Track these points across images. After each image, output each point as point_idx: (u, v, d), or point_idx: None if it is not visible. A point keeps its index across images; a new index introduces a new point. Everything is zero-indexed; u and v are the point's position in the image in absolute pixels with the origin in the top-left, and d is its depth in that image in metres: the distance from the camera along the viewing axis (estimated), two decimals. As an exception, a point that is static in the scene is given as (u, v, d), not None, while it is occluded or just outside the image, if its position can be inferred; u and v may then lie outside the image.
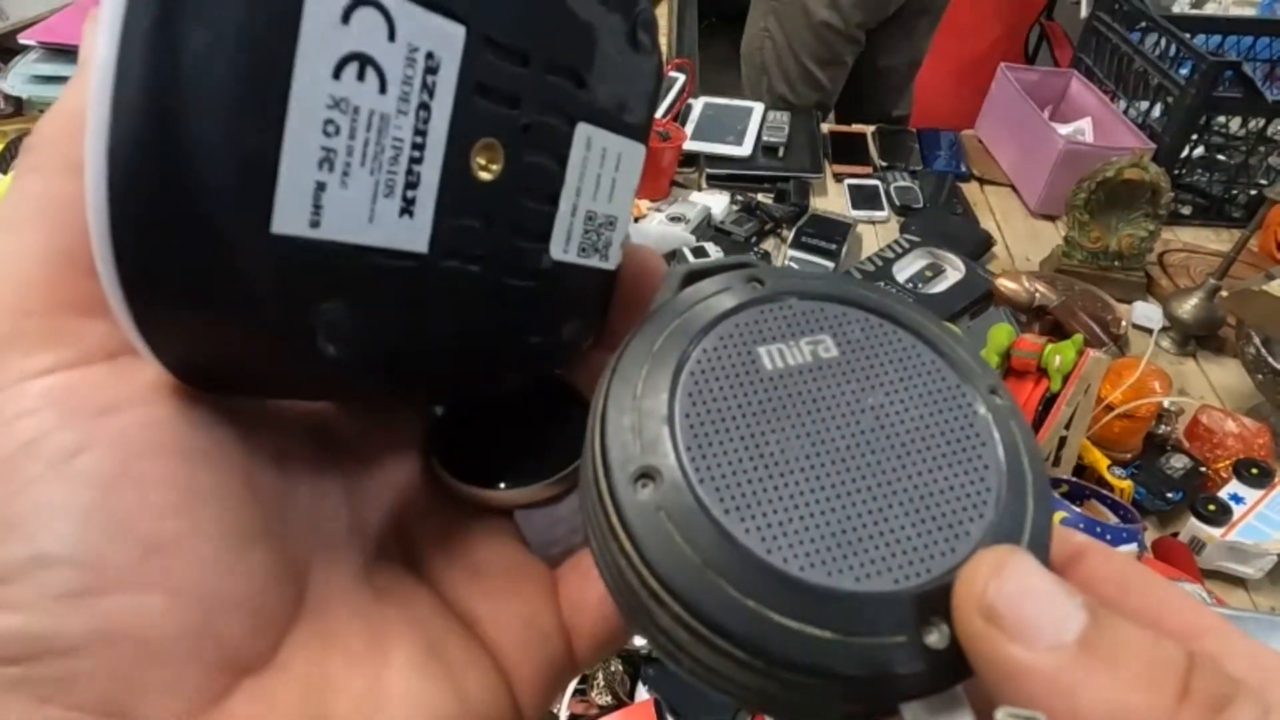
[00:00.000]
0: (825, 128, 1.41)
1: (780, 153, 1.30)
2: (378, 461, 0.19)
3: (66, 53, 1.26)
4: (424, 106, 0.14)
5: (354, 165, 0.13)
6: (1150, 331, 1.03)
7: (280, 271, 0.13)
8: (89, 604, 0.13)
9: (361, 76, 0.13)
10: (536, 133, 0.17)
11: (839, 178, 1.31)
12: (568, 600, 0.20)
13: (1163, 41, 1.24)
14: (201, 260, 0.12)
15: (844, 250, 1.10)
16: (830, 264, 1.08)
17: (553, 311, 0.19)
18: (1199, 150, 1.24)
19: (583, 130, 0.18)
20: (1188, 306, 0.99)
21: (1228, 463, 0.80)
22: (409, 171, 0.14)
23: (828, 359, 0.17)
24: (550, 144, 0.17)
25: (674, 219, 1.14)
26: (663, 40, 1.67)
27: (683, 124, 1.32)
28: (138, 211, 0.12)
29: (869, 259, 1.09)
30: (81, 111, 0.14)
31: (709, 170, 1.29)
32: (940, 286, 1.06)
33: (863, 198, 1.26)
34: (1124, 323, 1.00)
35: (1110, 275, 1.08)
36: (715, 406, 0.16)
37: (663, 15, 1.73)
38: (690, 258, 1.01)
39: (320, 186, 0.13)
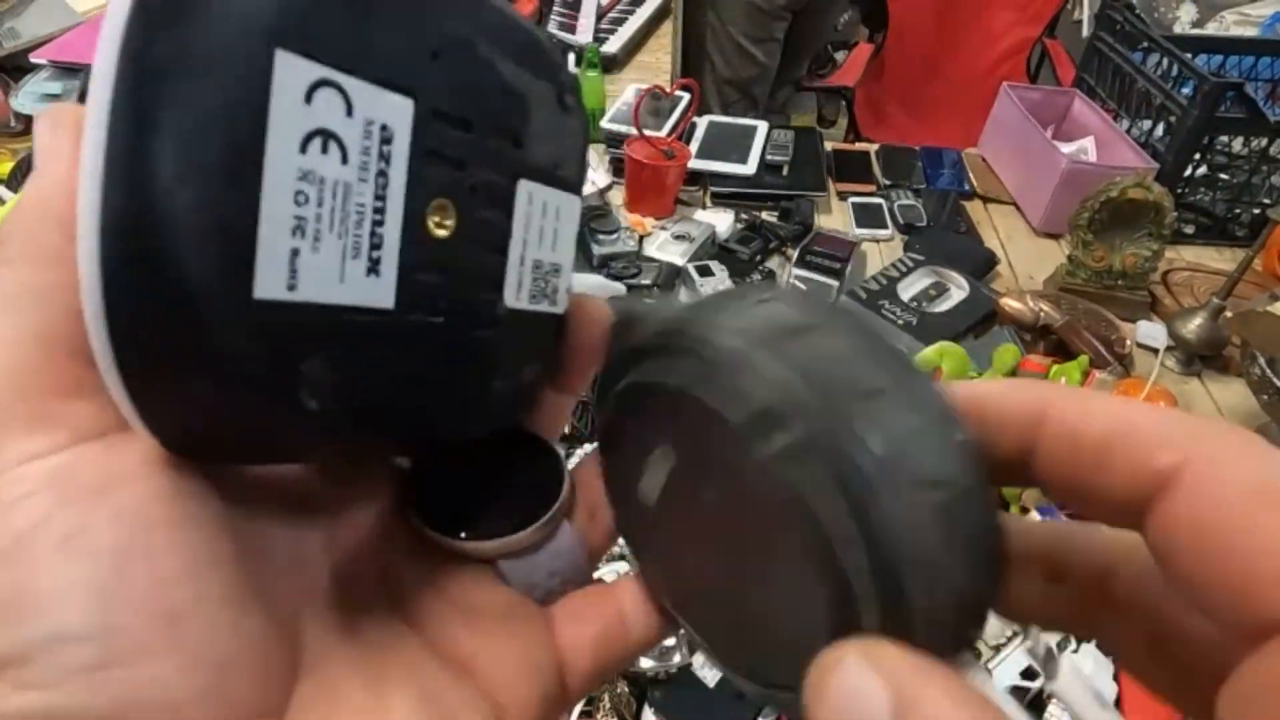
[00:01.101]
0: (829, 146, 1.42)
1: (784, 171, 1.31)
2: (353, 516, 0.20)
3: (76, 71, 1.27)
4: (382, 174, 0.15)
5: (323, 231, 0.15)
6: (1154, 351, 1.03)
7: (264, 332, 0.14)
8: (109, 677, 0.13)
9: (325, 150, 0.14)
10: (483, 191, 0.18)
11: (843, 196, 1.32)
12: (562, 636, 0.20)
13: (1164, 62, 1.25)
14: (192, 329, 0.13)
15: (848, 269, 1.10)
16: (835, 283, 1.08)
17: (511, 356, 0.20)
18: (1202, 170, 1.24)
19: (524, 186, 0.19)
20: (1192, 326, 0.99)
21: (1234, 484, 0.80)
22: (372, 233, 0.16)
23: (674, 468, 0.18)
24: (496, 200, 0.19)
25: (679, 237, 1.15)
26: (666, 59, 1.68)
27: (687, 142, 1.33)
28: (130, 291, 0.13)
29: (873, 278, 1.09)
30: (45, 204, 0.15)
31: (713, 188, 1.30)
32: (944, 305, 1.06)
33: (867, 216, 1.27)
34: (1129, 342, 1.00)
35: (1114, 294, 1.08)
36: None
37: (666, 34, 1.75)
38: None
39: (295, 252, 0.14)
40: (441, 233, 0.17)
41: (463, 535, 0.20)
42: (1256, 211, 1.24)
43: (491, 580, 0.21)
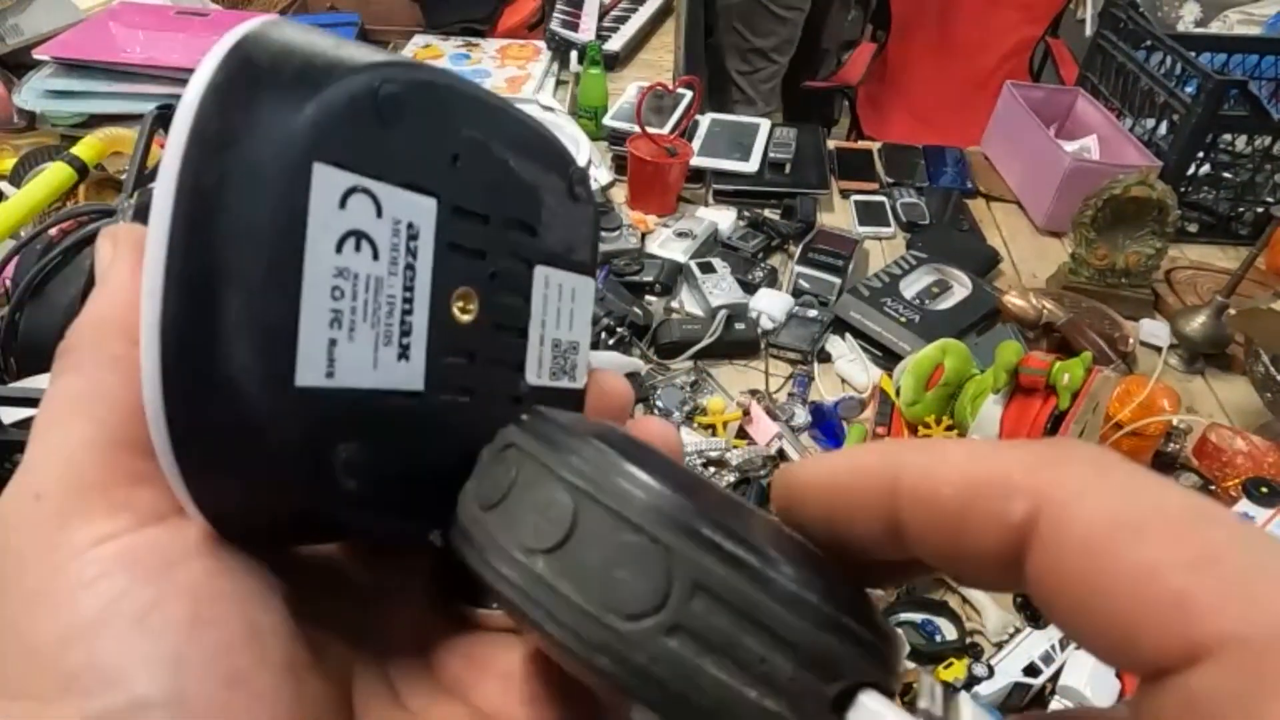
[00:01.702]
0: (832, 144, 1.42)
1: (787, 169, 1.30)
2: (392, 592, 0.21)
3: (79, 68, 1.28)
4: (409, 266, 0.17)
5: (358, 321, 0.16)
6: (1157, 349, 1.03)
7: (304, 418, 0.15)
8: None
9: (358, 249, 0.16)
10: (502, 277, 0.20)
11: (845, 194, 1.32)
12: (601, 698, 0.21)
13: (1168, 60, 1.25)
14: (240, 418, 0.15)
15: (850, 267, 1.10)
16: (837, 280, 1.08)
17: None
18: (1205, 168, 1.24)
19: (540, 271, 0.21)
20: (1195, 324, 0.99)
21: (1237, 482, 0.80)
22: (402, 322, 0.17)
23: None
24: (515, 285, 0.20)
25: (681, 234, 1.15)
26: (669, 57, 1.68)
27: (690, 140, 1.33)
28: (185, 388, 0.14)
29: (875, 275, 1.09)
30: (109, 315, 0.17)
31: (716, 186, 1.30)
32: (947, 303, 1.06)
33: (869, 214, 1.27)
34: (1131, 340, 1.00)
35: (1117, 293, 1.08)
36: None
37: (669, 32, 1.75)
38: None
39: (333, 342, 0.16)
40: (466, 318, 0.19)
41: (493, 606, 0.21)
42: (1260, 210, 1.23)
43: (520, 641, 0.21)
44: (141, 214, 0.71)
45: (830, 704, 0.13)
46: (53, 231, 0.75)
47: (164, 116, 0.94)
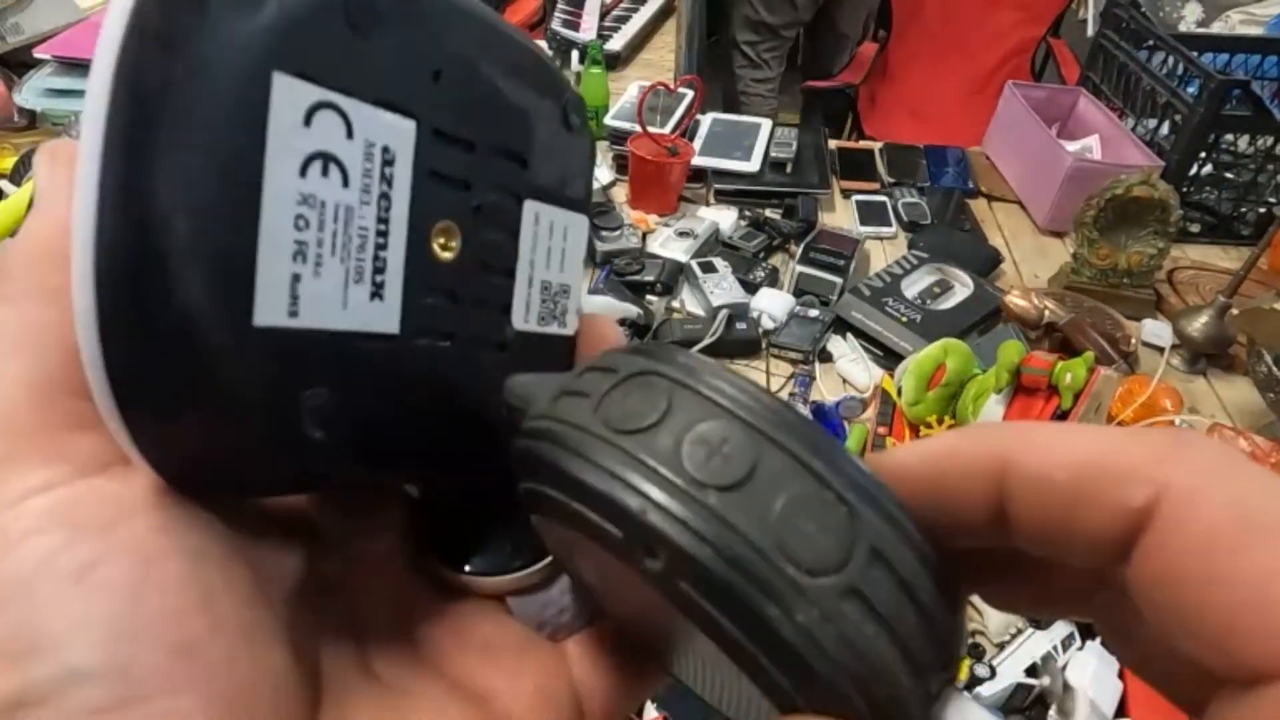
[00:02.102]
0: (833, 144, 1.42)
1: (788, 168, 1.30)
2: (365, 547, 0.20)
3: (80, 67, 1.27)
4: (384, 196, 0.15)
5: (325, 255, 0.14)
6: (1159, 349, 1.02)
7: (264, 360, 0.14)
8: (125, 717, 0.13)
9: (325, 173, 0.14)
10: (488, 212, 0.18)
11: (847, 194, 1.32)
12: (579, 669, 0.20)
13: (1170, 60, 1.25)
14: (190, 359, 0.13)
15: (851, 267, 1.10)
16: (839, 280, 1.08)
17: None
18: (1207, 168, 1.24)
19: (530, 206, 0.19)
20: (1198, 324, 0.98)
21: (1240, 482, 0.80)
22: (375, 258, 0.15)
23: (589, 580, 0.18)
24: (502, 221, 0.18)
25: (682, 234, 1.15)
26: (670, 57, 1.68)
27: (691, 140, 1.32)
28: (126, 322, 0.13)
29: (877, 275, 1.09)
30: (46, 241, 0.15)
31: (717, 186, 1.29)
32: (949, 303, 1.06)
33: (870, 214, 1.27)
34: (1133, 340, 1.00)
35: (1119, 293, 1.08)
36: None
37: (670, 32, 1.75)
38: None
39: (295, 278, 0.14)
40: (447, 255, 0.17)
41: (469, 570, 0.20)
42: (1262, 210, 1.23)
43: (504, 614, 0.20)
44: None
45: (932, 695, 0.13)
46: (53, 230, 0.75)
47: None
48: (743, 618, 0.13)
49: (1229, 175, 1.28)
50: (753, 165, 1.29)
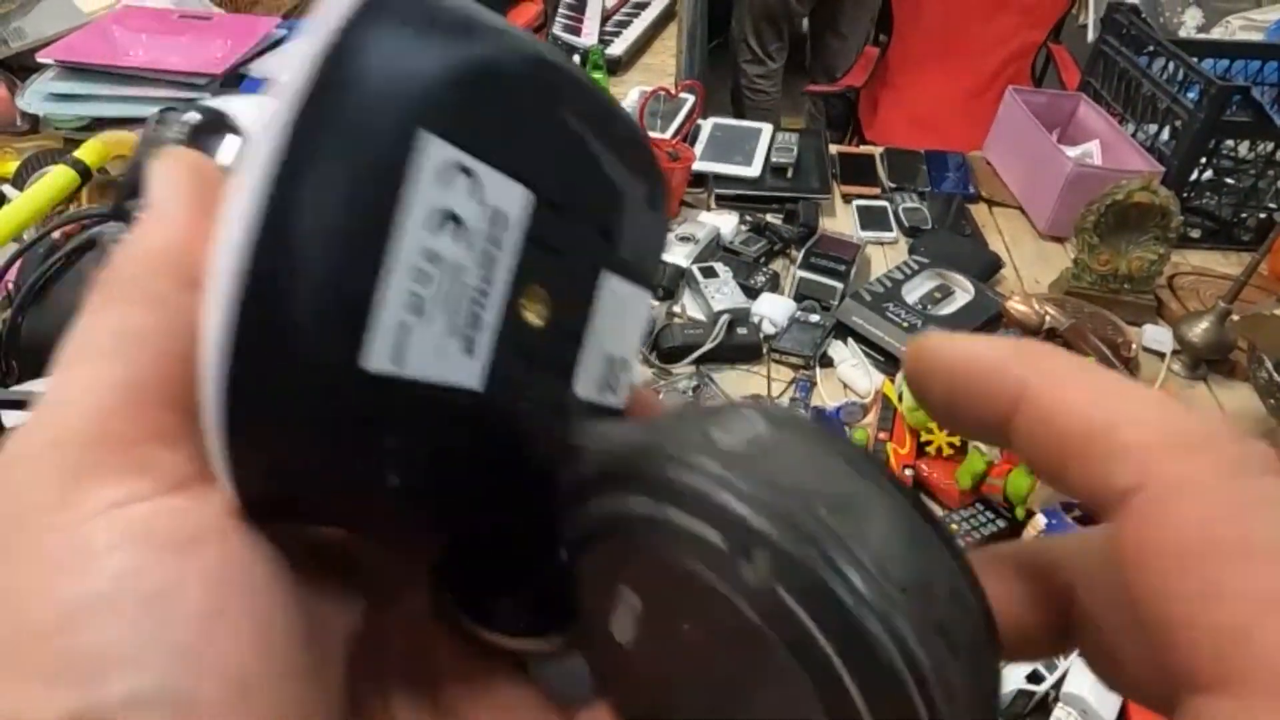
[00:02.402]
0: (834, 149, 1.42)
1: (789, 173, 1.31)
2: (394, 592, 0.20)
3: (83, 71, 1.28)
4: (491, 257, 0.16)
5: (433, 308, 0.15)
6: (1160, 355, 1.02)
7: (362, 401, 0.14)
8: None
9: (448, 231, 0.15)
10: (573, 280, 0.19)
11: (847, 198, 1.32)
12: None
13: (1170, 66, 1.25)
14: (298, 388, 0.14)
15: (852, 272, 1.10)
16: (839, 285, 1.08)
17: (575, 447, 0.20)
18: (1207, 174, 1.24)
19: (606, 278, 0.20)
20: (1198, 330, 0.99)
21: (1241, 488, 0.80)
22: (473, 315, 0.16)
23: (641, 612, 0.17)
24: (581, 290, 0.19)
25: (683, 239, 1.15)
26: (671, 62, 1.68)
27: (692, 144, 1.33)
28: (249, 342, 0.13)
29: (878, 280, 1.09)
30: (157, 250, 0.16)
31: (718, 190, 1.30)
32: (950, 308, 1.06)
33: (871, 219, 1.27)
34: (1134, 346, 1.00)
35: (1120, 298, 1.08)
36: None
37: (671, 36, 1.75)
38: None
39: (405, 326, 0.14)
40: (531, 317, 0.18)
41: (494, 629, 0.20)
42: (1262, 216, 1.23)
43: (523, 677, 0.20)
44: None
45: None
46: (56, 235, 0.75)
47: (166, 120, 0.94)
48: (842, 635, 0.13)
49: (1229, 181, 1.28)
50: (754, 170, 1.29)
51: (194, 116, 0.71)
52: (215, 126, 0.69)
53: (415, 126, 0.14)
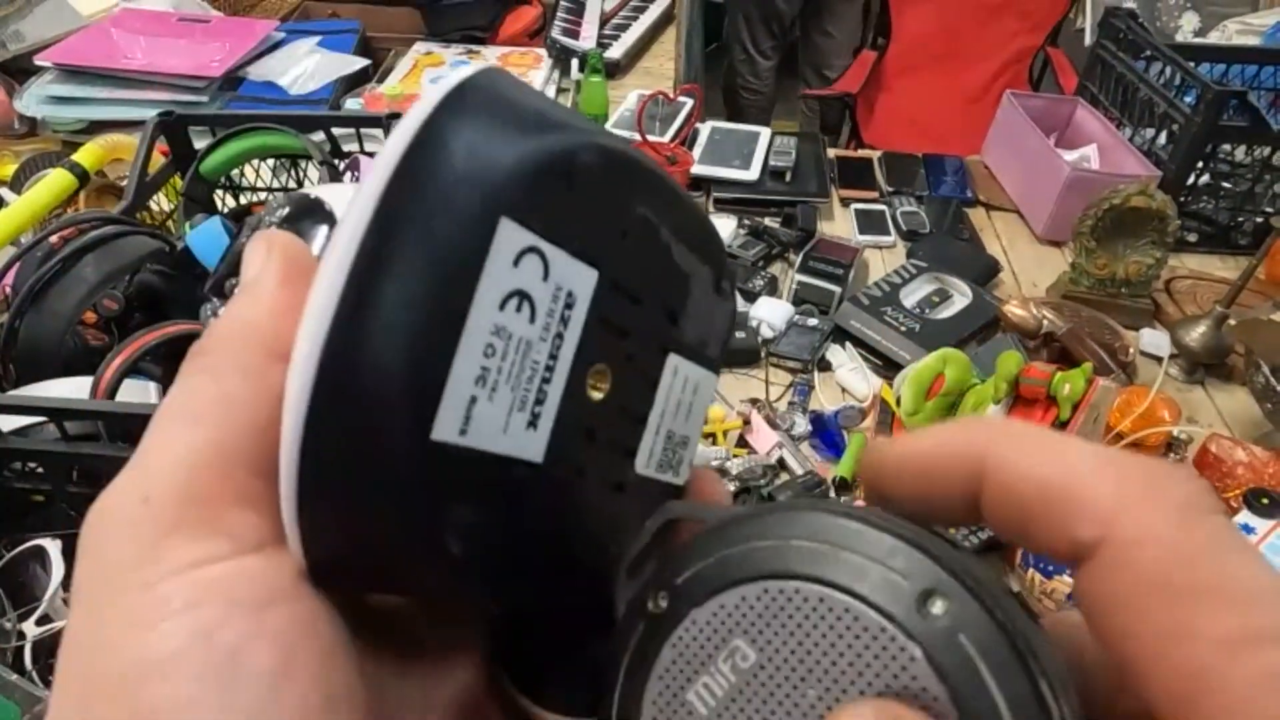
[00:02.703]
0: (832, 152, 1.42)
1: (787, 177, 1.31)
2: (446, 662, 0.20)
3: (81, 74, 1.28)
4: (559, 335, 0.17)
5: (500, 383, 0.16)
6: (1157, 359, 1.03)
7: (430, 472, 0.15)
8: None
9: (519, 309, 0.16)
10: (638, 360, 0.19)
11: (846, 202, 1.32)
12: None
13: (1167, 70, 1.25)
14: (371, 455, 0.14)
15: (850, 276, 1.10)
16: (838, 289, 1.08)
17: (632, 522, 0.21)
18: (1204, 178, 1.24)
19: (672, 360, 0.20)
20: (1195, 334, 0.99)
21: (1238, 493, 0.80)
22: (539, 390, 0.17)
23: (748, 668, 0.16)
24: (647, 371, 0.20)
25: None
26: (670, 65, 1.68)
27: (690, 148, 1.33)
28: (329, 410, 0.14)
29: (876, 284, 1.09)
30: (249, 325, 0.17)
31: (716, 194, 1.30)
32: (947, 312, 1.06)
33: (869, 223, 1.27)
34: (1131, 350, 1.00)
35: (1117, 302, 1.08)
36: None
37: (670, 40, 1.75)
38: None
39: (473, 400, 0.15)
40: (596, 395, 0.18)
41: (545, 704, 0.20)
42: (1259, 220, 1.24)
43: None
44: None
45: None
46: (53, 239, 0.75)
47: (165, 123, 0.94)
48: (1018, 689, 0.13)
49: (1226, 185, 1.28)
50: (752, 174, 1.29)
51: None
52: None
53: (498, 213, 0.15)
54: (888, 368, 1.00)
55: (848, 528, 0.15)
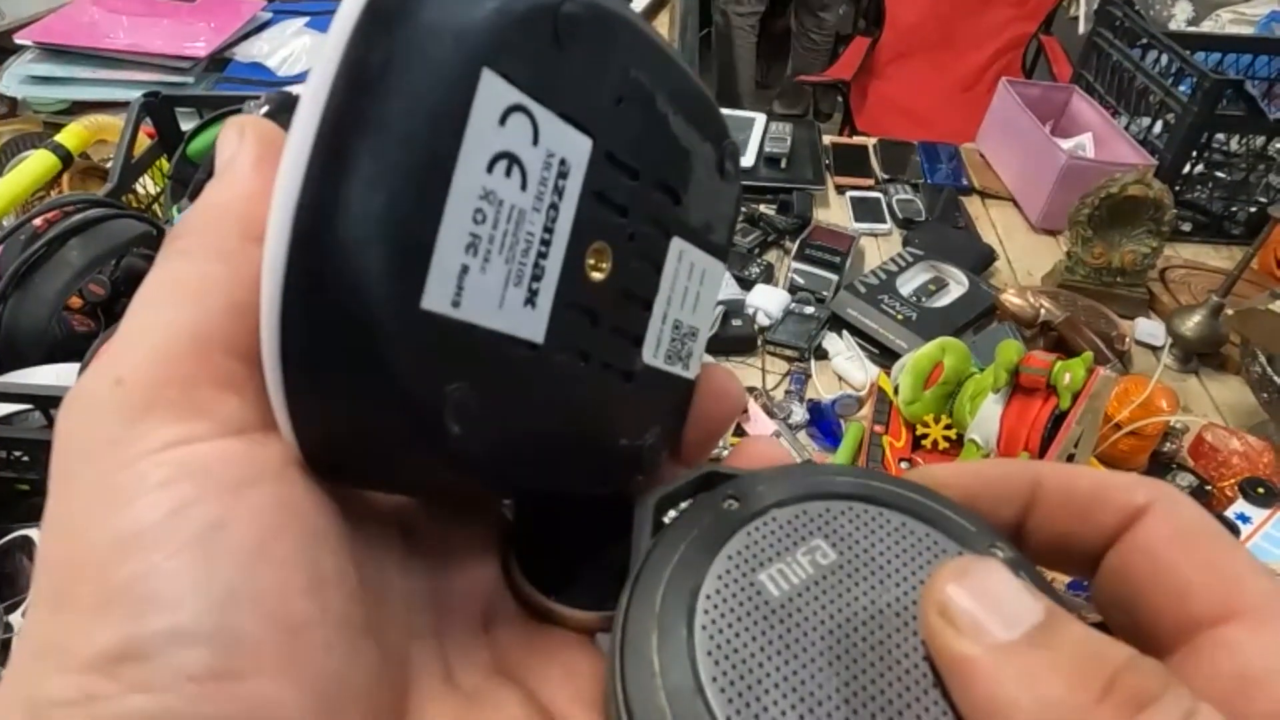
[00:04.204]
0: (827, 139, 1.41)
1: (783, 164, 1.30)
2: (458, 561, 0.20)
3: (62, 53, 1.25)
4: (554, 206, 0.16)
5: (493, 253, 0.15)
6: (1153, 348, 1.03)
7: (422, 344, 0.14)
8: (223, 689, 0.12)
9: (508, 173, 0.15)
10: (640, 241, 0.18)
11: (841, 190, 1.31)
12: None
13: (1163, 59, 1.25)
14: (357, 328, 0.13)
15: (847, 264, 1.10)
16: (834, 277, 1.08)
17: (641, 415, 0.20)
18: (1199, 167, 1.24)
19: (676, 244, 0.20)
20: (1190, 323, 0.99)
21: (1233, 481, 0.80)
22: (535, 265, 0.16)
23: (828, 564, 0.17)
24: (650, 253, 0.19)
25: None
26: (663, 49, 1.67)
27: (685, 134, 1.31)
28: (308, 281, 0.13)
29: (872, 272, 1.08)
30: (225, 206, 0.16)
31: (711, 180, 1.28)
32: (944, 300, 1.06)
33: (865, 210, 1.26)
34: (1128, 339, 1.00)
35: (1113, 291, 1.08)
36: (742, 664, 0.15)
37: (663, 24, 1.73)
38: None
39: (464, 269, 0.14)
40: (597, 275, 0.17)
41: (559, 600, 0.20)
42: (1253, 209, 1.24)
43: (589, 643, 0.20)
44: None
45: None
46: (37, 222, 0.73)
47: (150, 104, 0.92)
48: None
49: (1220, 174, 1.28)
50: (747, 160, 1.28)
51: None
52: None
53: (478, 65, 0.14)
54: (884, 356, 0.99)
55: (914, 484, 0.18)
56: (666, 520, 0.19)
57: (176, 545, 0.13)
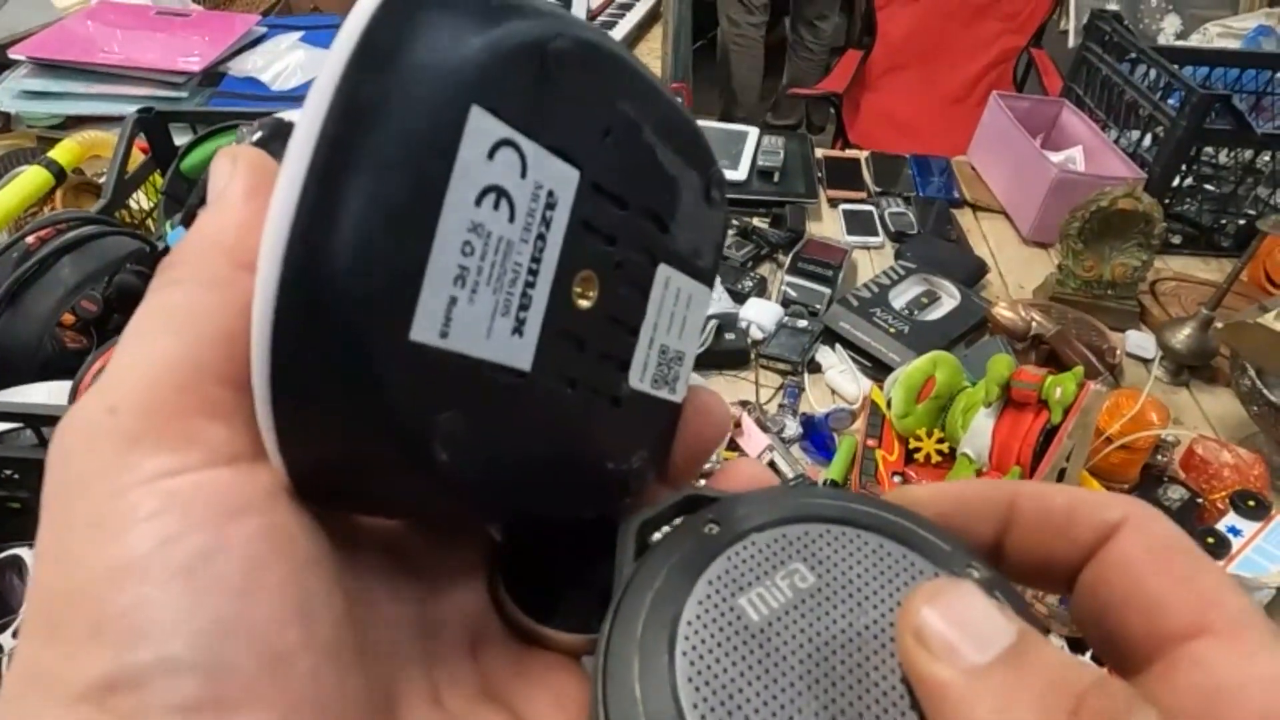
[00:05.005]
0: (820, 153, 1.42)
1: (775, 177, 1.30)
2: (445, 584, 0.20)
3: (57, 68, 1.25)
4: (541, 237, 0.16)
5: (481, 284, 0.15)
6: (1144, 360, 1.03)
7: (411, 374, 0.14)
8: (213, 719, 0.13)
9: (496, 206, 0.15)
10: (627, 269, 0.19)
11: (834, 203, 1.32)
12: None
13: (1152, 72, 1.26)
14: (346, 358, 0.14)
15: (840, 277, 1.10)
16: (827, 290, 1.08)
17: (628, 438, 0.20)
18: (1188, 180, 1.25)
19: (663, 270, 0.20)
20: (1181, 336, 0.99)
21: (1224, 494, 0.80)
22: (523, 294, 0.16)
23: (807, 588, 0.17)
24: (637, 280, 0.19)
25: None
26: (657, 62, 1.68)
27: (678, 147, 1.32)
28: (300, 310, 0.13)
29: (865, 285, 1.09)
30: (217, 235, 0.16)
31: (704, 194, 1.29)
32: (936, 314, 1.06)
33: (858, 223, 1.27)
34: (1119, 352, 1.01)
35: (1103, 304, 1.09)
36: (722, 689, 0.15)
37: (656, 38, 1.74)
38: None
39: (453, 301, 0.14)
40: (583, 303, 0.18)
41: (546, 623, 0.20)
42: (1242, 222, 1.25)
43: (576, 668, 0.20)
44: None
45: None
46: (30, 239, 0.73)
47: (144, 120, 0.92)
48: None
49: (1208, 187, 1.29)
50: (740, 173, 1.29)
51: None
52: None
53: (467, 101, 0.14)
54: (877, 369, 1.00)
55: (892, 505, 0.18)
56: (652, 541, 0.19)
57: (167, 575, 0.13)
